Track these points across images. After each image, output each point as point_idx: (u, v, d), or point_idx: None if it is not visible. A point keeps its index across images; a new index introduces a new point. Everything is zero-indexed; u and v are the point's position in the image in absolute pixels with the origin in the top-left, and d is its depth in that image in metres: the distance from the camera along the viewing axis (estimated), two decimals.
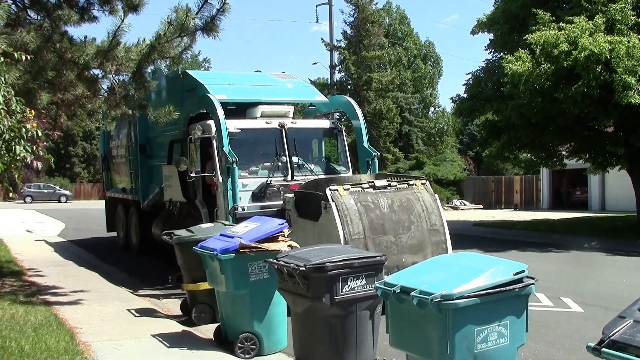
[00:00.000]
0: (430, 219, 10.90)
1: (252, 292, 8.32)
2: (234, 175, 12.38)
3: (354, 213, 10.36)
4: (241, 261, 8.25)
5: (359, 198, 10.65)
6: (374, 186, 10.95)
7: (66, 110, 11.94)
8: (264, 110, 14.10)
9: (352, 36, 54.01)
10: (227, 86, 14.45)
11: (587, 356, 6.22)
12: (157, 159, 16.63)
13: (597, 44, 18.73)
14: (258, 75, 16.68)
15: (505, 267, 5.31)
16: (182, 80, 15.00)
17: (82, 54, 10.37)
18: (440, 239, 10.91)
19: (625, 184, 26.99)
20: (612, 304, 10.50)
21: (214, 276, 8.62)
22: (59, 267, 15.80)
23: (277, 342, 8.55)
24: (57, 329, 8.95)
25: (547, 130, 23.23)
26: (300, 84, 16.64)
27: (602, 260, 18.41)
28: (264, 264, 8.06)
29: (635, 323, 3.88)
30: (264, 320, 8.38)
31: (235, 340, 8.29)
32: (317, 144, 15.49)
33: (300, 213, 11.39)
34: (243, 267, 8.28)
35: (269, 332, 8.44)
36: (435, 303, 4.79)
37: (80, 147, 70.59)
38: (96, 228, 27.82)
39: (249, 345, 8.27)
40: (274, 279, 7.30)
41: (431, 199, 11.13)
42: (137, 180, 17.62)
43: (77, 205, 51.90)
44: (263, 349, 8.37)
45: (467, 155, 68.96)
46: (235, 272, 8.26)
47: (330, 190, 10.49)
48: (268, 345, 8.42)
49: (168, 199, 14.99)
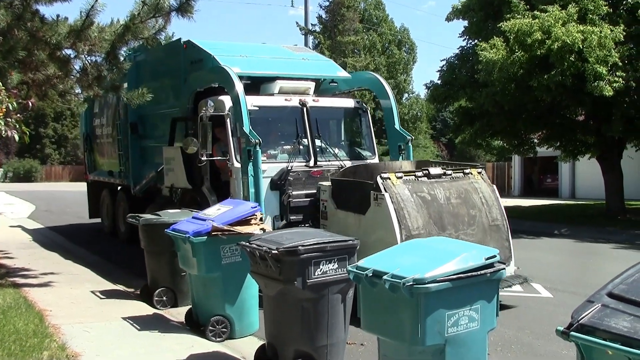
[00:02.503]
0: (491, 213, 9.96)
1: (224, 275, 8.31)
2: (257, 160, 10.91)
3: (410, 205, 9.20)
4: (213, 244, 8.21)
5: (414, 188, 9.48)
6: (428, 175, 9.76)
7: (37, 90, 11.74)
8: (282, 85, 12.69)
9: (327, 20, 53.93)
10: (239, 58, 13.00)
11: (556, 340, 6.30)
12: (151, 140, 15.34)
13: (569, 34, 18.83)
14: (270, 47, 15.12)
15: (477, 252, 5.34)
16: (185, 51, 13.60)
17: (54, 33, 10.17)
18: (502, 236, 10.02)
19: (595, 172, 27.21)
20: (581, 289, 10.61)
21: (186, 259, 8.58)
22: (29, 249, 15.66)
23: (248, 325, 8.57)
24: (26, 311, 8.89)
25: (519, 117, 23.36)
26: (319, 57, 15.55)
27: (571, 246, 18.59)
28: (236, 247, 8.03)
29: (603, 307, 3.92)
30: (235, 304, 8.39)
31: (207, 323, 8.30)
32: (340, 125, 14.10)
33: (339, 204, 10.23)
34: (215, 250, 8.24)
35: (241, 315, 8.46)
36: (407, 287, 4.80)
37: (51, 128, 69.60)
38: (67, 210, 27.65)
39: (220, 329, 8.28)
40: (246, 262, 7.27)
41: (490, 190, 10.21)
42: (127, 163, 16.26)
43: (48, 187, 51.37)
44: (234, 332, 8.39)
45: (440, 141, 69.19)
46: (208, 255, 8.23)
47: (382, 179, 9.29)
48: (239, 328, 8.44)
49: (169, 184, 13.70)
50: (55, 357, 6.95)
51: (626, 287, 4.07)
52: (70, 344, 7.57)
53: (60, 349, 7.29)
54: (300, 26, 49.24)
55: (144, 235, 10.25)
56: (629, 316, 3.80)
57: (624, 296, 3.99)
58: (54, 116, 68.62)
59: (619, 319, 3.80)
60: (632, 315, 3.81)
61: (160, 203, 14.10)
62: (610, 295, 4.04)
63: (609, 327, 3.75)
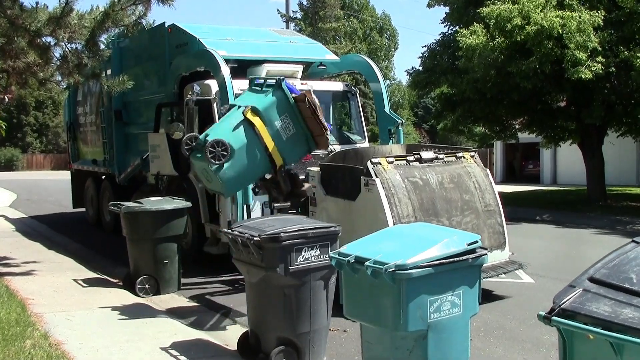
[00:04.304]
0: (484, 198, 9.79)
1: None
2: None
3: (401, 191, 9.01)
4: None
5: (405, 173, 9.27)
6: (420, 159, 9.56)
7: (17, 78, 11.66)
8: (269, 69, 12.43)
9: (308, 7, 53.84)
10: (225, 41, 12.79)
11: (538, 325, 6.34)
12: (136, 126, 15.16)
13: (548, 18, 18.85)
14: (257, 31, 14.85)
15: (458, 238, 5.36)
16: (169, 35, 13.40)
17: (34, 20, 10.08)
18: (496, 221, 9.88)
19: (576, 158, 27.36)
20: (563, 274, 10.67)
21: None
22: (10, 238, 15.58)
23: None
24: (8, 300, 8.84)
25: (501, 104, 23.40)
26: (306, 40, 15.32)
27: (553, 232, 18.68)
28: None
29: (584, 292, 3.95)
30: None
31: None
32: (329, 110, 13.73)
33: (328, 190, 9.97)
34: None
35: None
36: (389, 273, 4.81)
37: (33, 116, 68.97)
38: (48, 199, 27.51)
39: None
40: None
41: (483, 175, 10.02)
42: (111, 151, 16.02)
43: (29, 176, 51.04)
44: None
45: (422, 128, 69.31)
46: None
47: (373, 164, 9.10)
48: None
49: (155, 172, 13.44)
50: (38, 346, 6.92)
51: (607, 272, 4.10)
52: (53, 332, 7.56)
53: (43, 337, 7.27)
54: (282, 13, 49.22)
55: (126, 223, 10.22)
56: (610, 300, 3.83)
57: (605, 280, 4.02)
58: (35, 104, 67.93)
59: (600, 304, 3.83)
60: (613, 299, 3.84)
61: (146, 191, 13.97)
62: (592, 279, 4.07)
63: (590, 312, 3.78)
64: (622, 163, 34.03)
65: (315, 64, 14.16)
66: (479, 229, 9.39)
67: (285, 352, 6.57)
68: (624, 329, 3.58)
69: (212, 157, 8.10)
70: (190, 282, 10.97)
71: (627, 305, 3.76)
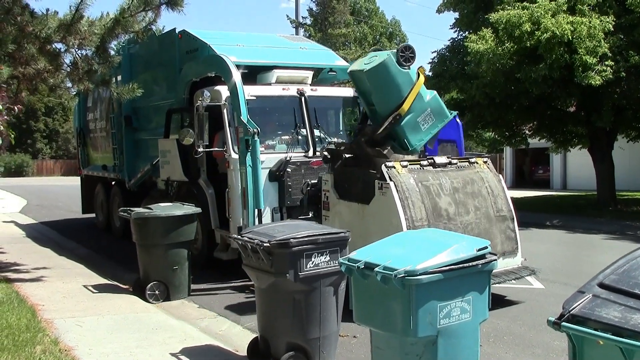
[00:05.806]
0: (496, 204, 9.84)
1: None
2: (255, 150, 10.34)
3: (415, 195, 9.03)
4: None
5: (419, 177, 9.33)
6: (433, 163, 9.66)
7: (27, 84, 11.69)
8: (279, 75, 12.45)
9: (317, 13, 53.85)
10: (235, 47, 12.73)
11: (548, 331, 6.32)
12: (146, 132, 15.11)
13: (559, 25, 18.81)
14: (267, 37, 14.95)
15: (468, 243, 5.35)
16: (180, 41, 13.35)
17: (44, 27, 10.14)
18: (508, 227, 9.93)
19: (586, 163, 27.30)
20: (572, 280, 10.64)
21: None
22: (20, 244, 15.62)
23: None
24: (19, 306, 8.88)
25: (510, 109, 23.39)
26: (316, 46, 15.31)
27: (563, 237, 18.64)
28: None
29: (594, 298, 3.94)
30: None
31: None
32: (339, 115, 14.02)
33: (341, 194, 10.00)
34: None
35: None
36: (399, 279, 4.81)
37: (43, 122, 69.23)
38: (58, 204, 27.59)
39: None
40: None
41: (496, 180, 10.09)
42: (121, 157, 15.99)
43: (39, 182, 51.20)
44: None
45: None
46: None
47: (387, 167, 9.14)
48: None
49: (165, 177, 13.39)
50: (48, 352, 6.94)
51: (617, 277, 4.09)
52: (63, 338, 7.58)
53: (53, 343, 7.29)
54: (291, 19, 49.29)
55: (136, 229, 10.23)
56: (619, 306, 3.82)
57: (614, 286, 4.01)
58: (45, 110, 68.21)
59: (610, 309, 3.82)
60: (622, 305, 3.83)
61: (156, 197, 13.88)
62: (601, 285, 4.06)
63: (600, 317, 3.77)
64: (632, 168, 33.92)
65: (326, 70, 14.09)
66: (491, 234, 9.47)
67: (294, 357, 6.57)
68: (634, 335, 3.57)
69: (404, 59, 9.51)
70: (200, 288, 10.96)
71: (637, 311, 3.75)
